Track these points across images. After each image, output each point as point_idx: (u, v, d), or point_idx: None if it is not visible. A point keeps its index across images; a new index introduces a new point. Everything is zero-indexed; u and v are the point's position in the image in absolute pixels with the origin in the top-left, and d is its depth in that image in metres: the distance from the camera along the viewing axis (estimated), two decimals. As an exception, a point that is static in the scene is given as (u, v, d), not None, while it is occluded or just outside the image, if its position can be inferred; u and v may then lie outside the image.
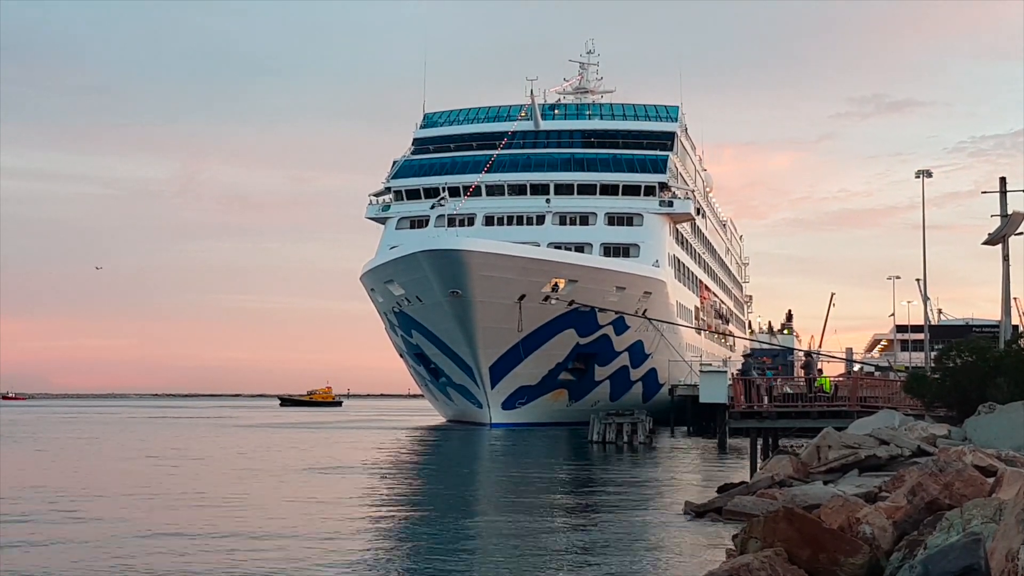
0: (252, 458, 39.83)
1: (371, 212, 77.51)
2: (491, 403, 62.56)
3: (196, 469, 34.18)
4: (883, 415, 27.31)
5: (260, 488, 27.46)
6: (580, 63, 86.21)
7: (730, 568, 10.51)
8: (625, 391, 68.20)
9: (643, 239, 71.42)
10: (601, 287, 62.52)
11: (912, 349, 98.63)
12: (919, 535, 11.05)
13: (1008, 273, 37.22)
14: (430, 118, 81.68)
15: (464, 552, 16.47)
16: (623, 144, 75.79)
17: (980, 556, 7.98)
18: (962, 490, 12.56)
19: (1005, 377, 25.23)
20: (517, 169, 73.13)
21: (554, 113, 79.34)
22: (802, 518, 11.36)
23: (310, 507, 22.88)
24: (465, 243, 57.20)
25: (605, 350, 65.49)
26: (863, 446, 21.13)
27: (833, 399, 35.99)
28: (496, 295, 57.57)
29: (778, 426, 34.00)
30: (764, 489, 19.66)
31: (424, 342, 64.39)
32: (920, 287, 73.25)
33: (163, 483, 28.71)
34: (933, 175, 54.08)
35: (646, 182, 72.89)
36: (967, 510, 10.21)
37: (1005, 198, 37.51)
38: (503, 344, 59.92)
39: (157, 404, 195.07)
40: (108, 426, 75.58)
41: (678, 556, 15.95)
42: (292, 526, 19.54)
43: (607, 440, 46.83)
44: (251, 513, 21.68)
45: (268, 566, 15.29)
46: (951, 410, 27.64)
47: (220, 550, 16.62)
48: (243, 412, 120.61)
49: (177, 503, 23.62)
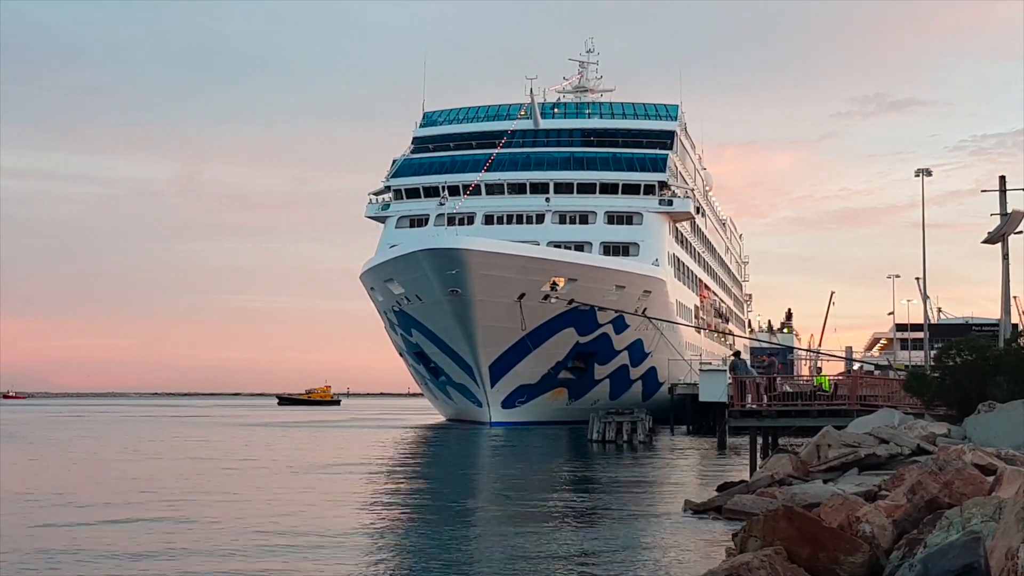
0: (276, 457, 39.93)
1: (371, 211, 77.52)
2: (491, 402, 62.56)
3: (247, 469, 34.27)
4: (883, 414, 27.31)
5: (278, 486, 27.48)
6: (580, 62, 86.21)
7: (730, 567, 10.50)
8: (625, 390, 68.19)
9: (643, 238, 71.42)
10: (601, 286, 62.52)
11: (912, 348, 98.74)
12: (919, 534, 11.05)
13: (1008, 272, 37.28)
14: (430, 117, 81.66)
15: (463, 552, 16.46)
16: (623, 143, 75.78)
17: (980, 555, 7.98)
18: (962, 489, 12.57)
19: (1005, 376, 25.23)
20: (517, 168, 73.10)
21: (554, 112, 79.28)
22: (802, 517, 11.36)
23: (308, 507, 22.87)
24: (465, 242, 57.19)
25: (605, 349, 65.49)
26: (863, 445, 21.13)
27: (833, 398, 36.03)
28: (496, 294, 57.57)
29: (778, 425, 34.00)
30: (764, 488, 19.67)
31: (424, 341, 64.39)
32: (920, 286, 73.33)
33: (229, 483, 28.73)
34: (933, 174, 54.07)
35: (646, 181, 72.88)
36: (967, 509, 10.21)
37: (1005, 197, 37.54)
38: (503, 343, 59.93)
39: (161, 404, 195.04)
40: (137, 425, 75.53)
41: (678, 555, 15.93)
42: (289, 526, 19.53)
43: (607, 439, 46.83)
44: (253, 511, 21.69)
45: (268, 566, 15.29)
46: (951, 409, 27.65)
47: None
48: (245, 411, 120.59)
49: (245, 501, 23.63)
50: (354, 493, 25.84)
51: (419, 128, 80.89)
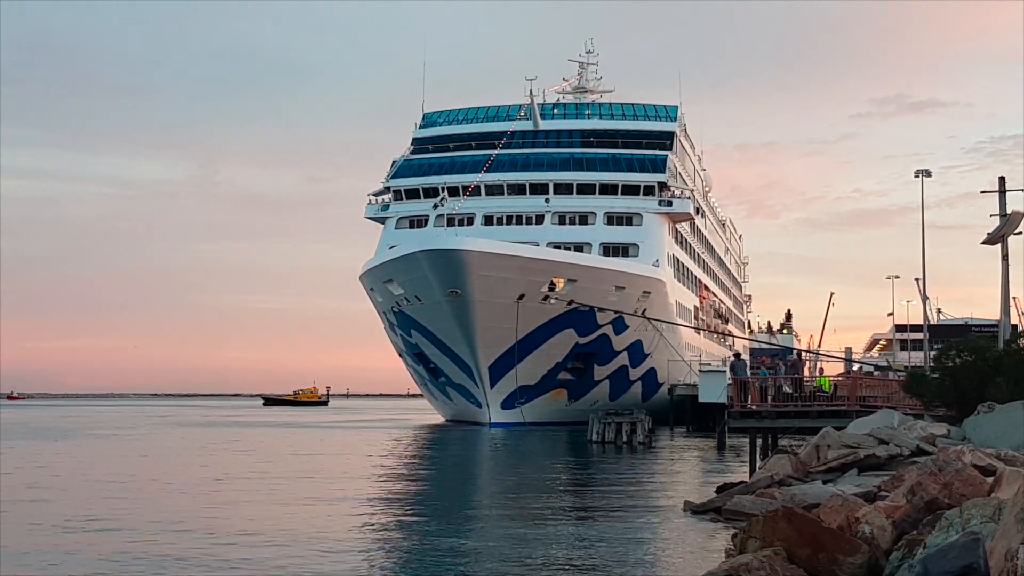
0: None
1: (370, 212, 77.59)
2: (490, 403, 62.56)
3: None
4: (882, 415, 27.32)
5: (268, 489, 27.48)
6: (579, 63, 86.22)
7: (729, 568, 10.50)
8: (624, 391, 68.21)
9: (642, 239, 71.45)
10: (600, 287, 62.52)
11: (911, 349, 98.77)
12: (918, 534, 11.05)
13: (1007, 273, 37.25)
14: (429, 118, 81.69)
15: (463, 552, 16.45)
16: (622, 144, 75.82)
17: (979, 555, 7.98)
18: (961, 489, 12.57)
19: (1004, 376, 25.22)
20: (516, 169, 73.14)
21: (553, 113, 79.34)
22: (801, 517, 11.36)
23: (306, 508, 22.86)
24: (464, 243, 57.20)
25: (604, 350, 65.49)
26: (862, 445, 21.13)
27: (832, 398, 36.03)
28: (495, 295, 57.58)
29: (777, 426, 33.99)
30: (763, 489, 19.66)
31: (423, 341, 64.40)
32: (919, 286, 73.31)
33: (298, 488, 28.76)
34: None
35: (645, 182, 72.93)
36: (966, 509, 10.21)
37: (1004, 198, 37.51)
38: (502, 344, 59.93)
39: (168, 404, 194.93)
40: (164, 427, 75.55)
41: (677, 555, 15.94)
42: (285, 528, 19.53)
43: (606, 440, 46.80)
44: (250, 513, 21.68)
45: (267, 566, 15.29)
46: (950, 409, 27.63)
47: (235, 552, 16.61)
48: (230, 411, 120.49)
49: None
50: (355, 493, 25.81)
51: (418, 129, 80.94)
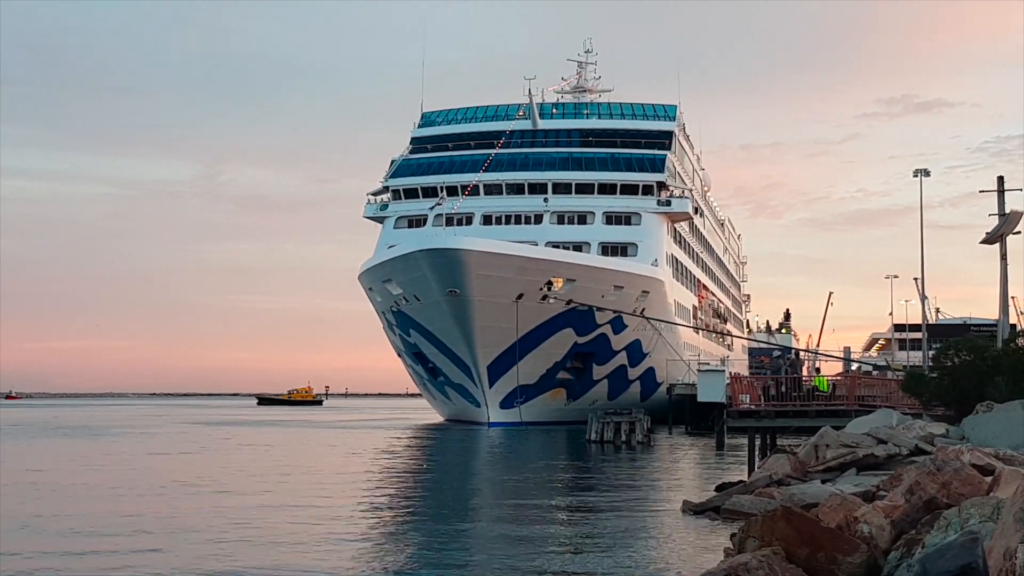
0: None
1: (369, 211, 77.55)
2: (489, 402, 62.56)
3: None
4: (881, 414, 27.34)
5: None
6: (578, 62, 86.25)
7: (728, 567, 10.50)
8: (623, 390, 68.21)
9: (641, 238, 71.44)
10: (599, 286, 62.53)
11: (910, 348, 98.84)
12: (917, 534, 11.05)
13: (1006, 272, 37.30)
14: (428, 117, 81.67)
15: (462, 552, 16.46)
16: (621, 143, 75.82)
17: (978, 555, 7.98)
18: (960, 489, 12.57)
19: (1003, 376, 25.24)
20: (515, 168, 73.13)
21: (552, 112, 79.33)
22: (800, 517, 11.35)
23: (304, 508, 22.85)
24: (463, 242, 57.20)
25: (603, 349, 65.50)
26: (861, 445, 21.13)
27: (831, 398, 36.04)
28: (494, 294, 57.58)
29: (776, 425, 34.01)
30: (762, 488, 19.67)
31: (422, 341, 64.38)
32: (918, 286, 73.32)
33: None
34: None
35: (644, 181, 72.92)
36: (965, 509, 10.21)
37: (1003, 197, 37.55)
38: (501, 343, 59.92)
39: (166, 404, 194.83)
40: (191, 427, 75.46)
41: (676, 555, 15.94)
42: (284, 528, 19.52)
43: (605, 439, 46.82)
44: (246, 514, 21.68)
45: (268, 566, 15.29)
46: (949, 409, 27.65)
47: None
48: (222, 411, 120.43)
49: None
50: (353, 495, 25.81)
51: (417, 128, 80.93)
